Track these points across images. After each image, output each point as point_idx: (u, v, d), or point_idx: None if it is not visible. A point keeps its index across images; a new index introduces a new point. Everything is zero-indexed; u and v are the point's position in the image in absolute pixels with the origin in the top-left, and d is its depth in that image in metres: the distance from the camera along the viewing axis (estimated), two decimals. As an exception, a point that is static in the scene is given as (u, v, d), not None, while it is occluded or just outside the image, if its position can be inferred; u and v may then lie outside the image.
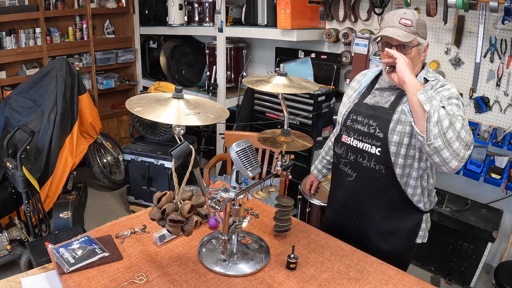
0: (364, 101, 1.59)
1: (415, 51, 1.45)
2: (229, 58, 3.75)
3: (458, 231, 2.55)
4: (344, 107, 1.68)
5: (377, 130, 1.50)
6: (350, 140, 1.59)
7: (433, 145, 1.26)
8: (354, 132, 1.57)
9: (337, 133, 1.67)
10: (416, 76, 1.46)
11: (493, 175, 2.47)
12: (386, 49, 1.42)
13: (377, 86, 1.61)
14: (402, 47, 1.43)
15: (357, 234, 1.64)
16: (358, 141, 1.56)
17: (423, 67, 1.54)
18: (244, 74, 3.91)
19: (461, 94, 2.64)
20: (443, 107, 1.28)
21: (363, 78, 1.71)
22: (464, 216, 2.56)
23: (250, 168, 1.32)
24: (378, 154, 1.50)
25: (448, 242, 2.62)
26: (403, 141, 1.46)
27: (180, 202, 1.22)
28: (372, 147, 1.51)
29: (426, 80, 1.49)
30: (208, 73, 3.87)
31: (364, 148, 1.54)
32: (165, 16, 3.98)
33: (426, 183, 1.54)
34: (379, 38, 1.47)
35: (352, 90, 1.72)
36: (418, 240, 1.62)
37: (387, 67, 1.44)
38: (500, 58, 2.47)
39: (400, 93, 1.51)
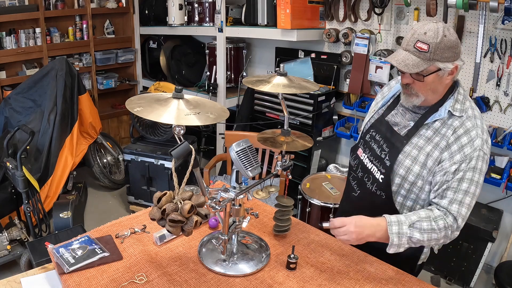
0: (386, 118, 1.49)
1: (432, 78, 1.30)
2: (229, 58, 3.75)
3: (458, 231, 2.55)
4: (369, 115, 1.61)
5: (386, 157, 1.41)
6: (364, 156, 1.52)
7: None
8: (369, 150, 1.50)
9: (356, 143, 1.61)
10: (441, 104, 1.35)
11: (493, 175, 2.47)
12: (328, 222, 1.37)
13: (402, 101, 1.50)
14: (415, 74, 1.30)
15: (360, 247, 1.56)
16: (368, 161, 1.49)
17: (452, 90, 1.36)
18: (244, 74, 3.91)
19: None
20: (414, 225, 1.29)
21: (395, 84, 1.58)
22: (464, 216, 2.56)
23: (250, 168, 1.32)
24: (381, 181, 1.43)
25: (448, 242, 2.61)
26: (408, 178, 1.38)
27: (180, 202, 1.22)
28: (378, 172, 1.44)
29: (451, 114, 1.33)
30: (208, 73, 3.87)
31: (371, 170, 1.47)
32: (165, 16, 3.97)
33: None
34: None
35: (381, 96, 1.61)
36: (420, 262, 1.56)
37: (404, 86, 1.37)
38: (500, 58, 2.47)
39: (419, 122, 1.38)
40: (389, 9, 2.86)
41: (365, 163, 1.51)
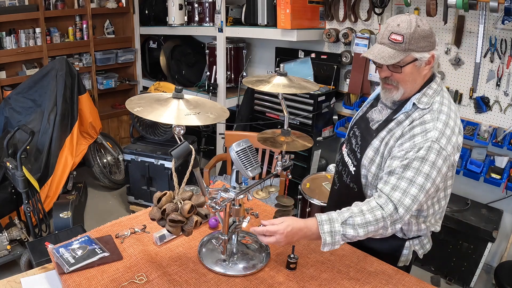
0: (367, 115, 1.51)
1: (410, 69, 1.30)
2: (229, 58, 3.75)
3: (458, 231, 2.55)
4: (357, 112, 1.65)
5: (358, 150, 1.46)
6: (344, 151, 1.57)
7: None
8: (350, 145, 1.54)
9: (344, 139, 1.65)
10: (411, 96, 1.35)
11: (493, 175, 2.47)
12: (251, 229, 1.32)
13: None
14: (392, 65, 1.30)
15: (358, 247, 1.58)
16: (346, 155, 1.54)
17: (429, 82, 1.36)
18: (244, 74, 3.91)
19: (461, 95, 2.66)
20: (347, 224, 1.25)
21: None
22: (464, 216, 2.56)
23: (250, 168, 1.32)
24: (353, 173, 1.48)
25: (448, 242, 2.62)
26: (371, 169, 1.41)
27: (180, 202, 1.22)
28: (351, 164, 1.49)
29: (416, 107, 1.33)
30: (208, 73, 3.87)
31: (347, 163, 1.52)
32: (165, 16, 3.97)
33: None
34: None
35: (374, 94, 1.63)
36: (400, 264, 1.52)
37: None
38: (500, 58, 2.47)
39: (390, 116, 1.39)
40: (389, 9, 2.86)
41: (344, 157, 1.56)
